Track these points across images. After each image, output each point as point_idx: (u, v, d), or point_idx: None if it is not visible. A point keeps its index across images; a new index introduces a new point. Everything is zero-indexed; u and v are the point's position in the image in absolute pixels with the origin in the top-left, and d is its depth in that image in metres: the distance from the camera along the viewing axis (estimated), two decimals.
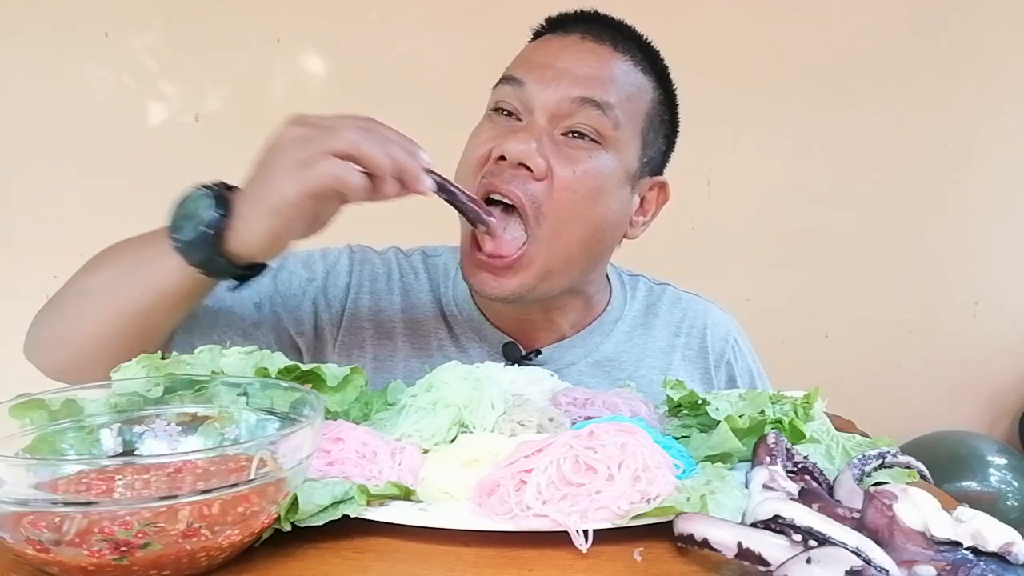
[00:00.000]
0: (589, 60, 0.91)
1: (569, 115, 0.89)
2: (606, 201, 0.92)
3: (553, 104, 0.89)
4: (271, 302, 0.98)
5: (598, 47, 0.93)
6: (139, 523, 0.47)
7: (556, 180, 0.88)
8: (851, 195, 2.32)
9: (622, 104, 0.91)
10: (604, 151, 0.91)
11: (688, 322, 1.08)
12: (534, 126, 0.89)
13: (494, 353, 1.00)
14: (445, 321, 1.03)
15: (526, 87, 0.90)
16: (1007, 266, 2.38)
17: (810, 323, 2.36)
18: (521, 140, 0.86)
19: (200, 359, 0.71)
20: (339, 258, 1.06)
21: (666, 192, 1.04)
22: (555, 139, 0.89)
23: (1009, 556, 0.47)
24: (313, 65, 2.23)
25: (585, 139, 0.90)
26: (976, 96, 2.30)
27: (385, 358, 1.01)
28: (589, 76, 0.90)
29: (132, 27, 2.16)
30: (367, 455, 0.65)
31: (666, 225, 1.08)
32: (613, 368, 1.03)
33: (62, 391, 0.61)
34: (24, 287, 2.20)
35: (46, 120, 2.17)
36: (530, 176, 0.87)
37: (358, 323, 1.02)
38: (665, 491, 0.58)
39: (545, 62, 0.91)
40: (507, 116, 0.92)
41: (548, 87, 0.89)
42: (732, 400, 0.78)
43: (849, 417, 0.88)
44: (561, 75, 0.89)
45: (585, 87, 0.89)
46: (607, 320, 1.05)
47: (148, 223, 0.84)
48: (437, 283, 1.06)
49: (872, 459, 0.65)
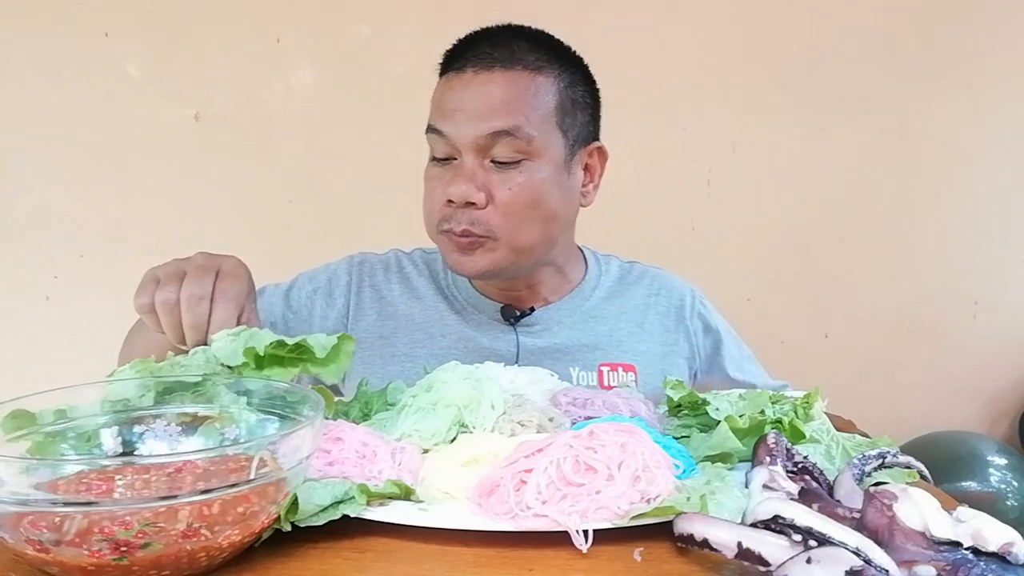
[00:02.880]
0: (485, 93, 1.01)
1: (489, 147, 1.01)
2: (547, 198, 1.04)
3: (472, 143, 1.01)
4: (284, 319, 1.14)
5: (489, 74, 1.02)
6: (139, 523, 0.47)
7: (498, 203, 1.01)
8: (851, 195, 2.32)
9: (528, 116, 1.01)
10: (531, 161, 1.02)
11: (658, 285, 1.23)
12: (465, 165, 1.02)
13: (492, 319, 1.14)
14: (444, 297, 1.18)
15: (445, 135, 1.02)
16: (1007, 266, 2.38)
17: (810, 323, 2.36)
18: (460, 183, 1.01)
19: (195, 360, 0.71)
20: (339, 265, 1.21)
21: (604, 153, 1.13)
22: (486, 167, 1.02)
23: (1009, 556, 0.47)
24: (313, 65, 2.23)
25: (510, 162, 1.02)
26: (976, 96, 2.29)
27: (389, 334, 1.14)
28: (491, 110, 1.00)
29: (132, 27, 2.16)
30: (367, 455, 0.65)
31: (666, 225, 1.10)
32: (596, 322, 1.17)
33: (53, 398, 0.62)
34: (24, 287, 2.21)
35: (46, 120, 2.17)
36: (475, 207, 1.01)
37: (362, 311, 1.17)
38: (665, 491, 0.58)
39: (452, 107, 1.02)
40: (444, 160, 1.04)
41: (461, 131, 1.01)
42: (732, 400, 0.78)
43: (849, 417, 0.88)
44: (469, 117, 1.01)
45: (491, 121, 1.00)
46: (586, 287, 1.19)
47: (148, 223, 0.85)
48: (436, 271, 1.21)
49: (872, 459, 0.65)
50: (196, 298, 0.79)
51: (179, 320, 0.79)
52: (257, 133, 2.21)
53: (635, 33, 2.18)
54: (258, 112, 2.22)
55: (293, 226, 2.19)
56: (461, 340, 1.13)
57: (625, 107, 2.12)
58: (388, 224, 1.96)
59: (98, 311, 2.05)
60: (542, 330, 1.14)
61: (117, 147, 2.18)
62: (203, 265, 0.82)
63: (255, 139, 2.21)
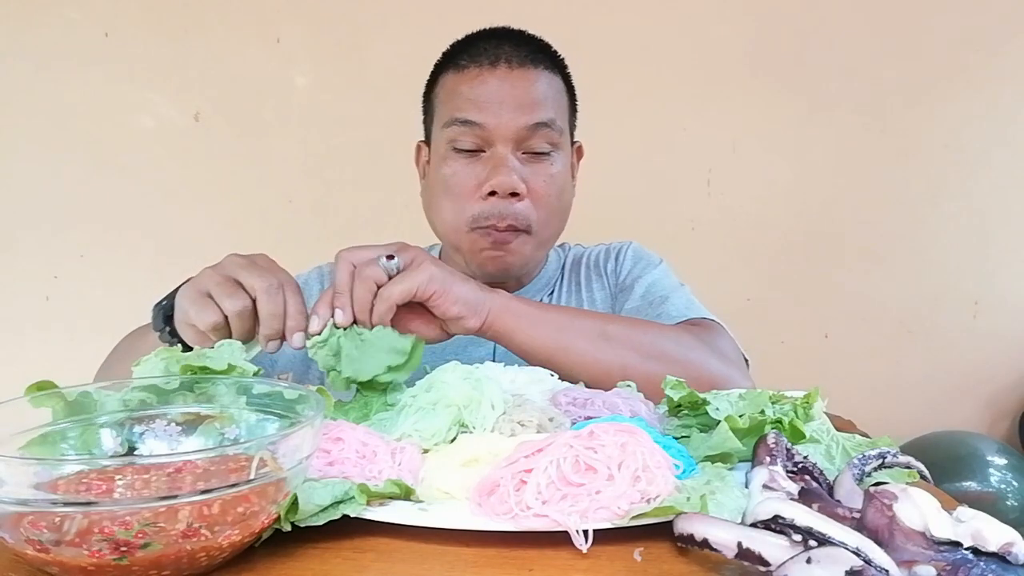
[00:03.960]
0: (525, 86, 1.04)
1: (526, 139, 1.04)
2: (567, 188, 1.11)
3: (512, 135, 1.03)
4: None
5: (524, 71, 1.05)
6: (139, 523, 0.47)
7: (532, 193, 1.05)
8: (851, 195, 2.32)
9: (557, 112, 1.07)
10: (557, 152, 1.08)
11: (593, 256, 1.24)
12: (503, 156, 1.03)
13: None
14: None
15: (483, 127, 1.03)
16: (1007, 266, 2.38)
17: (810, 323, 2.36)
18: (506, 173, 1.02)
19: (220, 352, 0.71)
20: (309, 275, 1.20)
21: (581, 150, 1.19)
22: (519, 159, 1.05)
23: (1009, 556, 0.46)
24: (312, 65, 2.23)
25: (542, 154, 1.06)
26: (976, 96, 2.29)
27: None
28: (532, 102, 1.04)
29: (132, 27, 2.16)
30: (367, 455, 0.65)
31: (666, 225, 1.10)
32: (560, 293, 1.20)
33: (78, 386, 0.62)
34: (24, 287, 2.21)
35: (46, 120, 2.17)
36: (515, 199, 1.03)
37: None
38: (665, 491, 0.58)
39: (490, 99, 1.04)
40: (469, 153, 1.05)
41: (503, 121, 1.03)
42: (732, 400, 0.78)
43: (849, 417, 0.88)
44: (511, 108, 1.03)
45: (532, 114, 1.04)
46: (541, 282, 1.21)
47: (148, 223, 0.85)
48: None
49: (872, 459, 0.65)
50: (274, 288, 0.78)
51: (253, 324, 0.78)
52: (257, 133, 2.21)
53: (635, 33, 2.18)
54: (258, 112, 2.22)
55: (293, 226, 2.19)
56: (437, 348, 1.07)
57: (625, 107, 2.13)
58: (388, 224, 1.96)
59: (98, 311, 2.05)
60: None
61: (117, 147, 2.18)
62: (251, 261, 0.80)
63: (255, 139, 2.21)
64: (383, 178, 2.09)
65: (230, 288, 0.78)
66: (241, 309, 0.78)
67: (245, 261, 0.80)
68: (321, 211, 2.22)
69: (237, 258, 0.81)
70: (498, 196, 1.02)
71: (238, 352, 0.72)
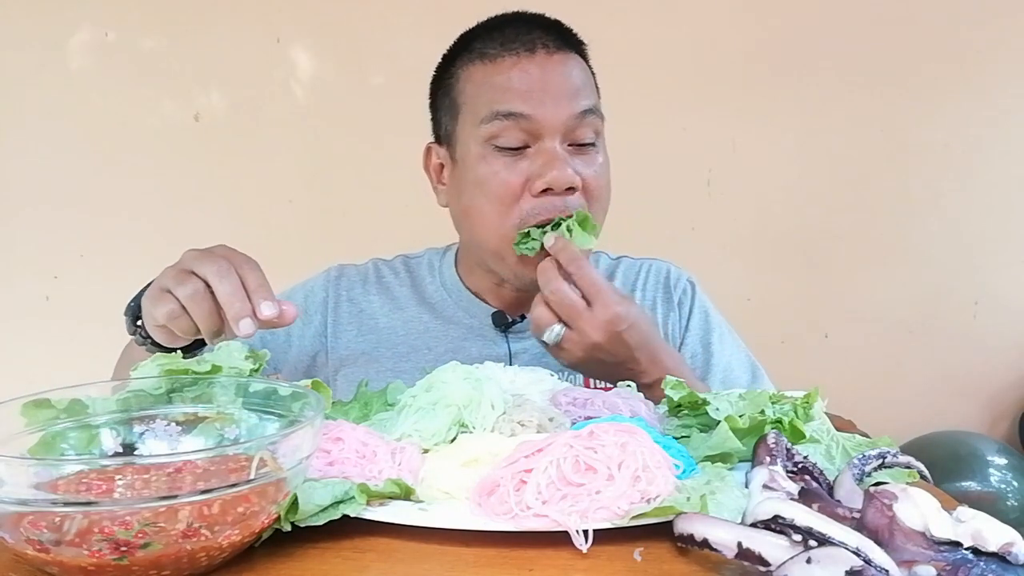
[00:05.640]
0: (566, 72, 0.98)
1: (575, 128, 0.96)
2: (610, 179, 1.02)
3: (562, 125, 0.95)
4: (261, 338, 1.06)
5: (563, 55, 0.99)
6: (139, 523, 0.47)
7: (585, 186, 0.96)
8: (851, 195, 2.32)
9: (596, 98, 1.01)
10: (600, 141, 1.01)
11: (645, 270, 1.17)
12: (552, 150, 0.95)
13: (483, 324, 1.09)
14: (428, 306, 1.12)
15: (530, 118, 0.94)
16: (1007, 266, 2.37)
17: (810, 323, 2.36)
18: (561, 167, 0.94)
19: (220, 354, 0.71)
20: (316, 281, 1.17)
21: None
22: (567, 150, 0.96)
23: (1009, 556, 0.46)
24: (313, 65, 2.23)
25: (589, 144, 0.98)
26: (976, 96, 2.29)
27: (371, 349, 1.10)
28: (576, 88, 0.97)
29: (132, 27, 2.16)
30: (367, 455, 0.65)
31: (666, 225, 1.10)
32: None
33: (68, 389, 0.62)
34: (24, 287, 2.21)
35: (46, 120, 2.17)
36: (570, 194, 0.95)
37: (341, 327, 1.12)
38: (665, 491, 0.58)
39: (534, 88, 0.95)
40: (512, 151, 0.96)
41: (551, 112, 0.95)
42: (732, 400, 0.78)
43: (849, 417, 0.88)
44: (558, 97, 0.95)
45: (579, 100, 0.96)
46: None
47: (148, 223, 0.86)
48: (419, 277, 1.16)
49: (872, 459, 0.65)
50: (224, 271, 0.75)
51: (211, 307, 0.76)
52: (257, 133, 2.21)
53: (635, 32, 2.18)
54: (258, 112, 2.22)
55: (293, 226, 2.19)
56: (449, 352, 1.05)
57: (625, 107, 2.12)
58: (388, 224, 1.96)
59: (98, 311, 2.04)
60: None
61: (117, 147, 2.18)
62: (204, 252, 0.79)
63: (255, 139, 2.21)
64: (383, 178, 2.09)
65: (183, 277, 0.77)
66: (192, 293, 0.76)
67: (200, 252, 0.79)
68: (321, 211, 2.22)
69: (193, 251, 0.80)
70: (552, 193, 0.94)
71: (236, 352, 0.71)
